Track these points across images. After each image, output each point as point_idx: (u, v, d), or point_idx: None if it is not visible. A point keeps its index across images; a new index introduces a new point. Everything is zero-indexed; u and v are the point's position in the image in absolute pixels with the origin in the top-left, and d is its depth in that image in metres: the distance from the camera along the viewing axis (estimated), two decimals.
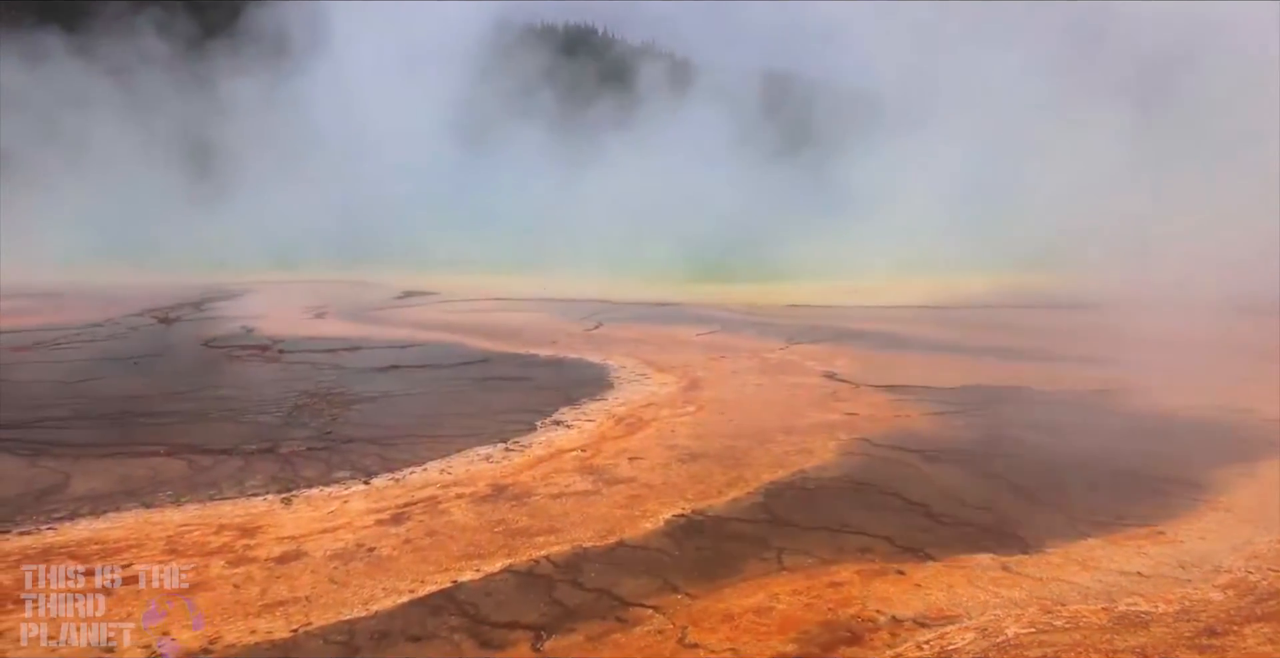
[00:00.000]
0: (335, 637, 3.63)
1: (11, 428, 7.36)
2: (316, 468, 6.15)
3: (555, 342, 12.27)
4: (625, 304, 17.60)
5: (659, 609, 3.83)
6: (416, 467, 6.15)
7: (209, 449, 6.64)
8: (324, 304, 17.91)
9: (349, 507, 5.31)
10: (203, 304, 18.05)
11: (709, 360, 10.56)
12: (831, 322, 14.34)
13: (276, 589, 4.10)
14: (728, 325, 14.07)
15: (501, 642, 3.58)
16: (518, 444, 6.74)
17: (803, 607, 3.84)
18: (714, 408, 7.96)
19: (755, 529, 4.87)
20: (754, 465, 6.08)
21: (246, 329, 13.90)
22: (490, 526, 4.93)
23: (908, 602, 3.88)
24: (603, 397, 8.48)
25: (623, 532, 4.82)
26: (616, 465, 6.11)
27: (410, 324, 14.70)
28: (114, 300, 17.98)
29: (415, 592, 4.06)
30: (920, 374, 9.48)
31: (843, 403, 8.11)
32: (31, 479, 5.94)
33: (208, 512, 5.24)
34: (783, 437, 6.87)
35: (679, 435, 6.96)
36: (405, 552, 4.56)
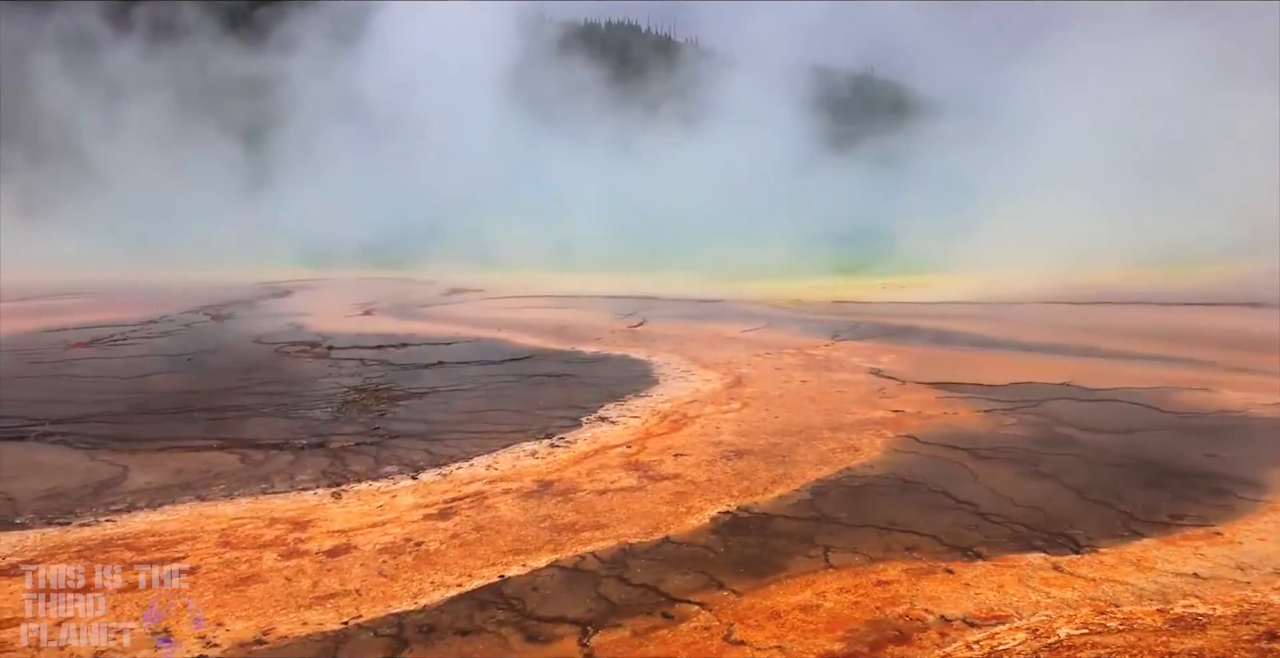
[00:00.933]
0: (385, 630, 3.67)
1: (71, 422, 7.56)
2: (365, 463, 6.24)
3: (600, 338, 12.31)
4: (670, 301, 17.61)
5: (705, 606, 3.82)
6: (463, 462, 6.20)
7: (261, 444, 6.76)
8: (371, 301, 18.15)
9: (397, 501, 5.37)
10: (254, 301, 18.38)
11: (753, 357, 10.53)
12: (878, 318, 14.23)
13: (327, 582, 4.16)
14: (772, 322, 14.01)
15: (548, 636, 3.60)
16: (563, 440, 6.77)
17: (850, 605, 3.81)
18: (759, 405, 7.92)
19: (801, 527, 4.84)
20: (800, 463, 6.05)
21: (296, 326, 14.14)
22: (536, 521, 4.95)
23: (957, 601, 3.83)
24: (647, 393, 8.49)
25: (668, 528, 4.82)
26: (661, 462, 6.11)
27: (456, 321, 14.84)
28: (168, 298, 18.37)
29: (463, 586, 4.09)
30: (969, 371, 9.36)
31: (889, 400, 8.03)
32: (90, 472, 6.10)
33: (260, 505, 5.34)
34: (828, 434, 6.83)
35: (724, 432, 6.95)
36: (452, 546, 4.60)
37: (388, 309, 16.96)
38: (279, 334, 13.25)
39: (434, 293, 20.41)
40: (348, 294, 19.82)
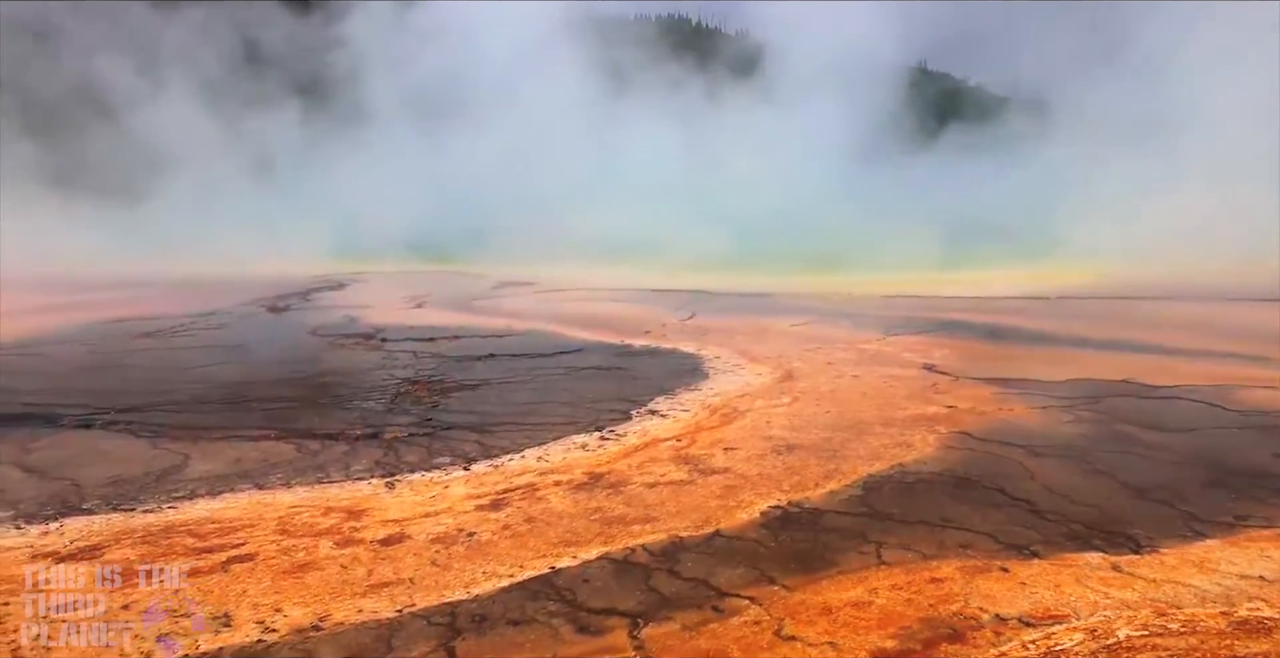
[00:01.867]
0: (438, 619, 3.72)
1: (134, 411, 7.75)
2: (418, 453, 6.31)
3: (649, 331, 12.31)
4: (719, 294, 17.57)
5: (755, 600, 3.81)
6: (514, 454, 6.25)
7: (316, 434, 6.88)
8: (424, 294, 18.35)
9: (449, 492, 5.43)
10: (309, 294, 18.67)
11: (804, 351, 10.46)
12: (930, 312, 14.05)
13: (381, 571, 4.23)
14: (823, 316, 13.90)
15: (599, 628, 3.62)
16: (613, 433, 6.78)
17: (903, 602, 3.77)
18: (809, 399, 7.87)
19: (853, 522, 4.81)
20: (851, 458, 6.00)
21: (350, 318, 14.35)
22: (587, 513, 4.98)
23: (1012, 600, 3.77)
24: (697, 387, 8.48)
25: (718, 522, 4.81)
26: (711, 456, 6.11)
27: (507, 314, 14.94)
28: (225, 290, 18.73)
29: (514, 577, 4.13)
30: (1024, 367, 9.21)
31: (942, 396, 7.93)
32: (153, 460, 6.25)
33: (316, 494, 5.43)
34: (880, 429, 6.76)
35: (774, 426, 6.92)
36: (504, 537, 4.64)
37: (439, 302, 17.14)
38: (334, 326, 13.45)
39: (484, 286, 20.58)
40: (400, 287, 20.06)
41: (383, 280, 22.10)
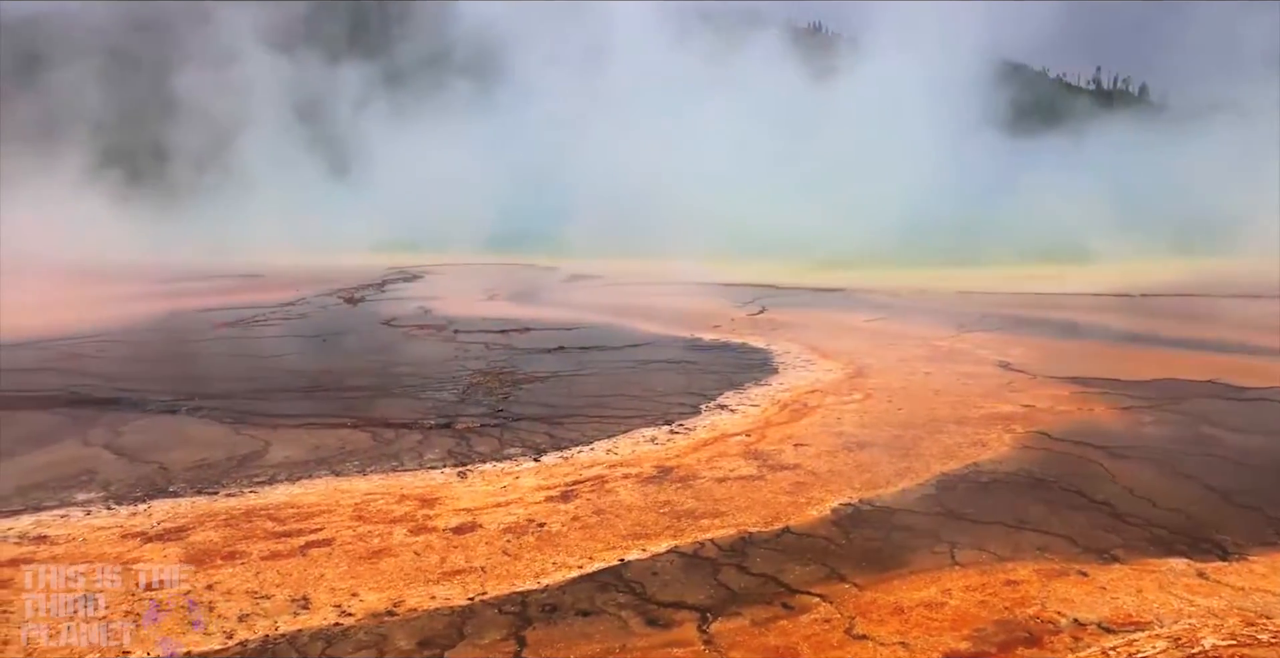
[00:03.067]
0: (508, 607, 3.76)
1: (218, 398, 8.00)
2: (489, 444, 6.40)
3: (719, 326, 12.27)
4: (790, 289, 17.43)
5: (826, 598, 3.78)
6: (584, 446, 6.29)
7: (391, 423, 7.01)
8: (495, 287, 18.56)
9: (520, 483, 5.49)
10: (384, 285, 19.03)
11: (876, 347, 10.32)
12: (1007, 309, 13.74)
13: (454, 559, 4.29)
14: (896, 312, 13.71)
15: (668, 621, 3.62)
16: (682, 427, 6.78)
17: (977, 604, 3.70)
18: (881, 396, 7.77)
19: (926, 522, 4.73)
20: (924, 456, 5.91)
21: (424, 310, 14.59)
22: (656, 506, 4.99)
23: (1092, 605, 3.68)
24: (767, 382, 8.42)
25: (788, 518, 4.78)
26: (781, 451, 6.07)
27: (577, 306, 15.04)
28: (305, 281, 19.18)
29: (584, 568, 4.16)
30: (1104, 366, 8.95)
31: (1019, 394, 7.76)
32: (235, 446, 6.45)
33: (390, 482, 5.54)
34: (954, 427, 6.64)
35: (845, 423, 6.84)
36: (574, 528, 4.68)
37: (510, 294, 17.33)
38: (408, 317, 13.69)
39: (555, 279, 20.73)
40: (472, 279, 20.33)
41: (456, 273, 22.43)
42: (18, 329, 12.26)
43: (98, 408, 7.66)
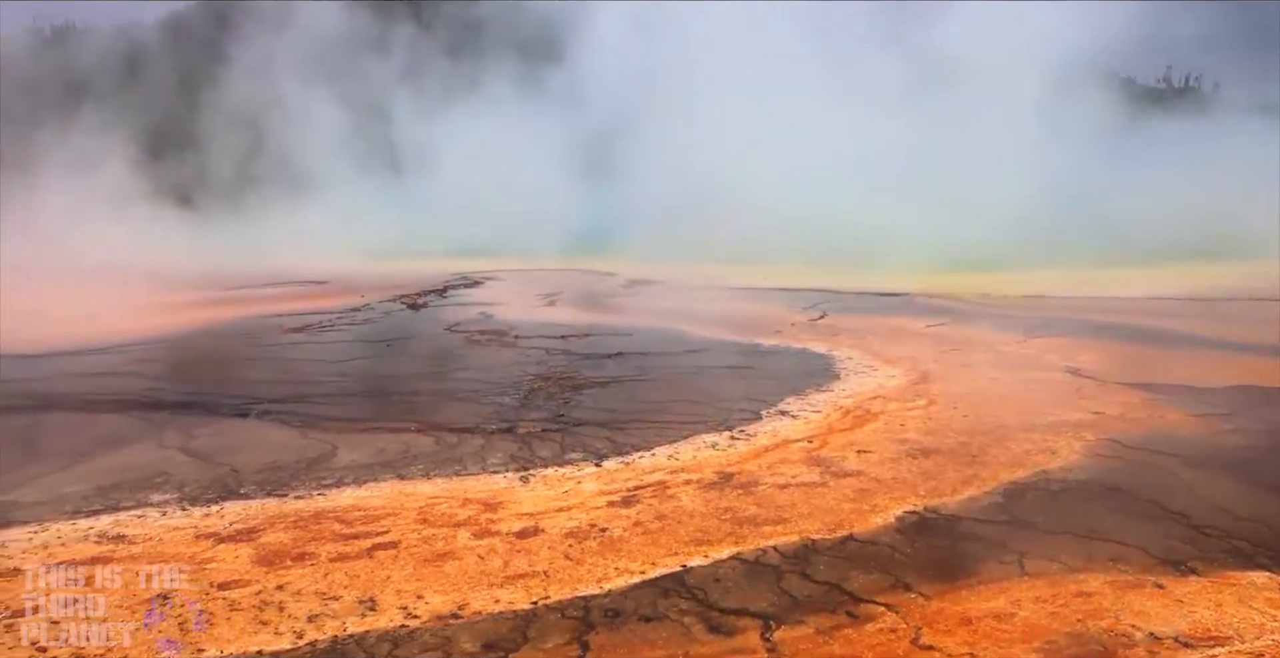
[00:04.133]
0: (571, 612, 3.78)
1: (286, 402, 8.17)
2: (551, 449, 6.44)
3: (779, 331, 12.19)
4: (851, 294, 17.24)
5: (891, 607, 3.73)
6: (645, 451, 6.30)
7: (454, 427, 7.10)
8: (555, 292, 18.65)
9: (582, 487, 5.51)
10: (446, 291, 19.25)
11: (940, 353, 10.16)
12: (1074, 314, 13.41)
13: (517, 563, 4.33)
14: (960, 316, 13.46)
15: (730, 628, 3.61)
16: (743, 433, 6.76)
17: (1047, 615, 3.63)
18: (946, 402, 7.65)
19: (993, 531, 4.65)
20: (991, 464, 5.80)
21: (485, 315, 14.72)
22: (718, 513, 4.97)
23: (1168, 618, 3.58)
24: (829, 388, 8.35)
25: (852, 526, 4.73)
26: (844, 458, 6.01)
27: (637, 312, 15.05)
28: (369, 287, 19.49)
29: (646, 573, 4.17)
30: (1178, 372, 8.69)
31: (1089, 401, 7.57)
32: (303, 449, 6.58)
33: (454, 486, 5.61)
34: (1022, 435, 6.51)
35: (909, 430, 6.75)
36: (635, 534, 4.69)
37: (570, 300, 17.40)
38: (469, 323, 13.83)
39: (614, 284, 20.76)
40: (532, 285, 20.44)
41: (516, 278, 22.58)
42: (96, 334, 12.67)
43: (172, 412, 7.87)
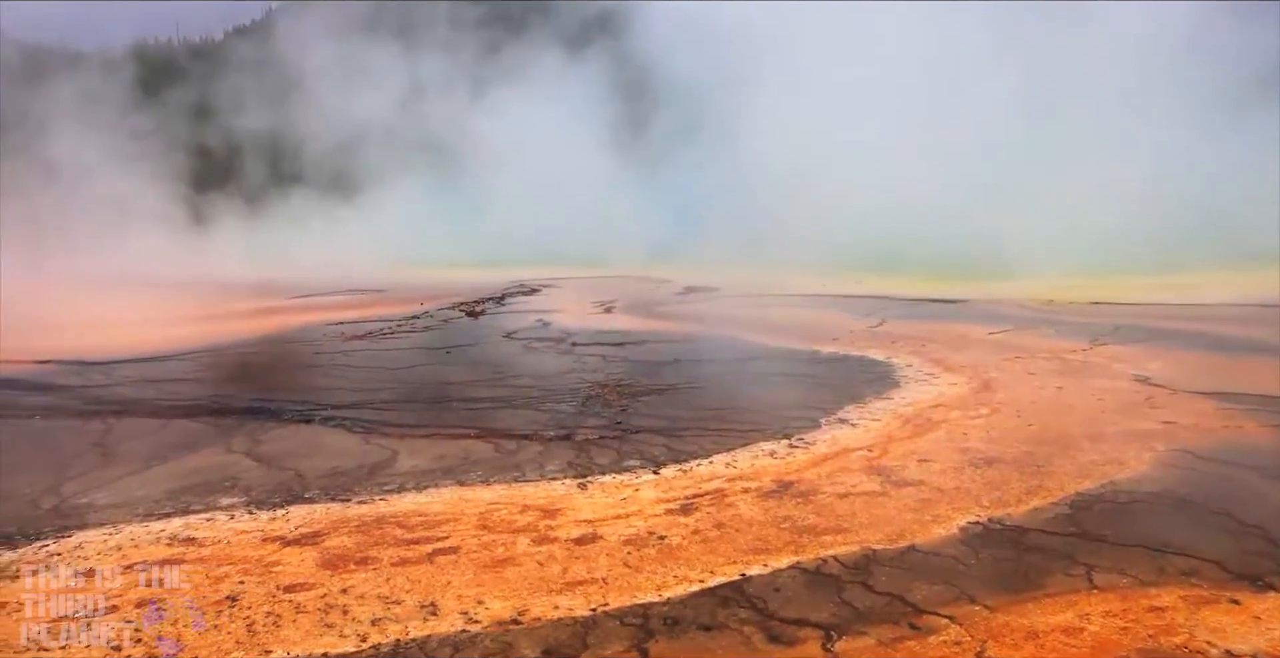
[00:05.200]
0: (630, 619, 3.78)
1: (348, 408, 8.32)
2: (609, 456, 6.45)
3: (837, 338, 12.09)
4: (910, 301, 17.02)
5: (955, 620, 3.67)
6: (703, 459, 6.28)
7: (512, 434, 7.15)
8: (611, 299, 18.72)
9: (640, 495, 5.51)
10: (504, 298, 19.45)
11: (1002, 360, 9.98)
12: (1143, 320, 13.06)
13: (576, 569, 4.34)
14: (1022, 323, 13.21)
15: (791, 638, 3.58)
16: (802, 441, 6.70)
17: (1118, 630, 3.53)
18: (1009, 411, 7.51)
19: (1060, 543, 4.54)
20: (1057, 474, 5.68)
21: (542, 323, 14.84)
22: (776, 521, 4.94)
23: (1245, 635, 3.46)
24: (888, 396, 8.25)
25: (913, 536, 4.66)
26: (905, 467, 5.93)
27: (693, 319, 15.05)
28: (427, 295, 19.77)
29: (704, 582, 4.15)
30: (1255, 381, 8.41)
31: (1159, 410, 7.38)
32: (365, 454, 6.69)
33: (513, 492, 5.64)
34: (1089, 445, 6.36)
35: (971, 439, 6.64)
36: (694, 542, 4.67)
37: (627, 307, 17.46)
38: (527, 330, 13.95)
39: (669, 292, 20.79)
40: (589, 292, 20.57)
41: (573, 286, 22.74)
42: (164, 342, 13.05)
43: (239, 417, 8.05)
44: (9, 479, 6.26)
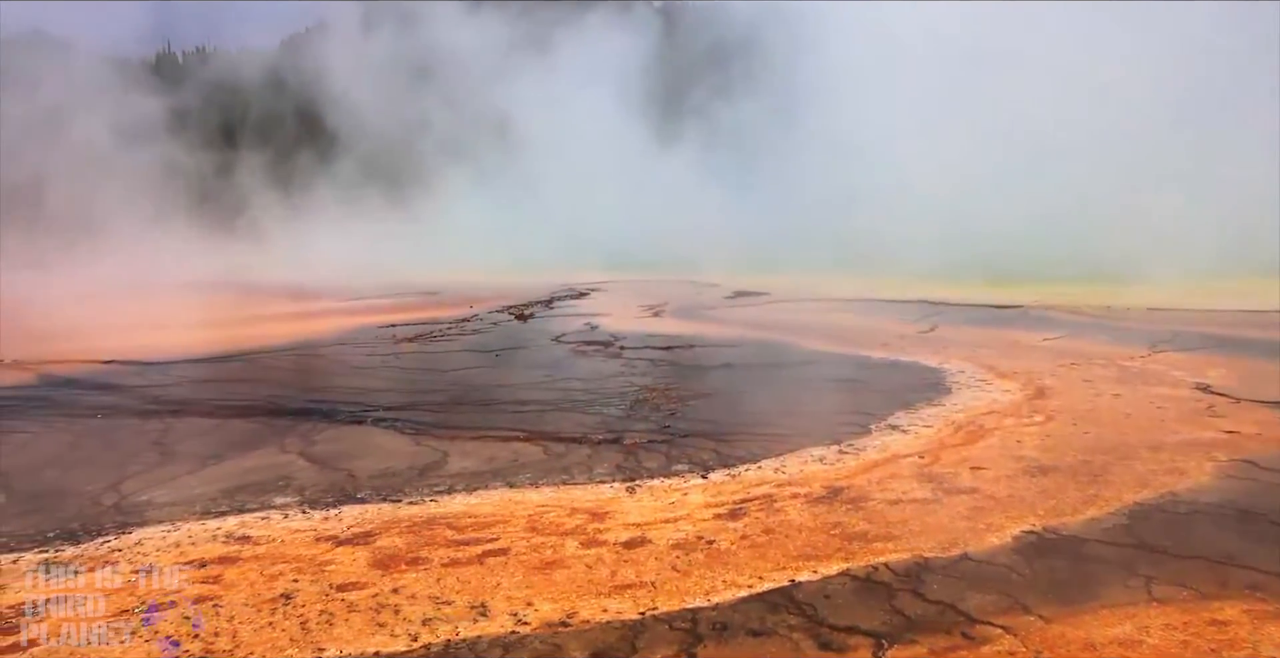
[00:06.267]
0: (679, 624, 3.77)
1: (399, 409, 8.41)
2: (657, 460, 6.45)
3: (887, 343, 11.97)
4: (961, 306, 16.80)
5: (1009, 630, 3.61)
6: (751, 464, 6.25)
7: (561, 437, 7.18)
8: (659, 303, 18.73)
9: (688, 499, 5.50)
10: (552, 302, 19.54)
11: (1057, 367, 9.80)
12: (1203, 327, 12.77)
13: (624, 573, 4.34)
14: (1078, 329, 12.97)
15: (841, 645, 3.54)
16: (851, 447, 6.64)
17: (1179, 644, 3.45)
18: (1064, 419, 7.37)
19: (1117, 553, 4.45)
20: (1114, 484, 5.56)
21: (591, 326, 14.89)
22: (826, 528, 4.90)
23: None
24: (940, 402, 8.15)
25: (966, 544, 4.60)
26: (957, 475, 5.85)
27: (741, 323, 14.99)
28: (478, 298, 19.94)
29: (753, 587, 4.13)
30: None
31: (1220, 420, 7.19)
32: (416, 456, 6.76)
33: (562, 495, 5.67)
34: (1147, 454, 6.22)
35: (1025, 447, 6.53)
36: (743, 547, 4.65)
37: (675, 311, 17.45)
38: (575, 333, 14.00)
39: (718, 296, 20.74)
40: (637, 296, 20.59)
41: (621, 289, 22.79)
42: (220, 342, 13.32)
43: (292, 418, 8.19)
44: (73, 476, 6.44)
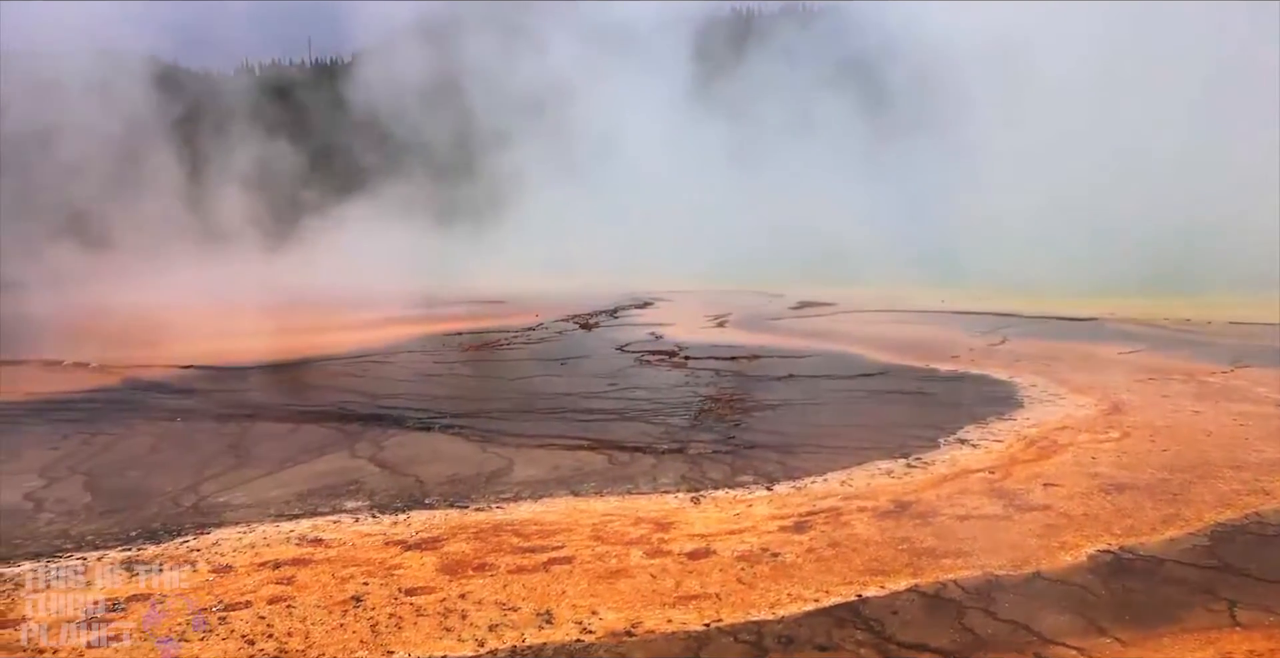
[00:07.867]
0: (744, 636, 3.76)
1: (467, 416, 8.53)
2: (721, 471, 6.43)
3: (956, 356, 11.77)
4: (1034, 318, 16.43)
5: (1084, 652, 3.52)
6: (817, 476, 6.20)
7: (625, 446, 7.21)
8: (724, 313, 18.66)
9: (753, 511, 5.48)
10: (617, 312, 19.59)
11: (1134, 382, 9.53)
12: None
13: (689, 584, 4.34)
14: (1157, 343, 12.59)
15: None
16: (920, 461, 6.55)
17: None
18: (1142, 435, 7.17)
19: (1198, 575, 4.32)
20: (1194, 503, 5.40)
21: (655, 336, 14.89)
22: (894, 542, 4.84)
23: None
24: (1011, 416, 7.99)
25: (1038, 562, 4.50)
26: (1029, 491, 5.73)
27: (807, 334, 14.87)
28: (543, 307, 20.10)
29: (819, 601, 4.09)
30: None
31: None
32: (483, 463, 6.85)
33: (626, 504, 5.69)
34: (1230, 473, 6.02)
35: (1100, 463, 6.37)
36: (808, 560, 4.62)
37: (739, 321, 17.37)
38: (640, 343, 14.02)
39: (782, 306, 20.58)
40: (702, 306, 20.53)
41: (685, 299, 22.75)
42: (294, 350, 13.64)
43: (363, 423, 8.35)
44: (154, 478, 6.66)
